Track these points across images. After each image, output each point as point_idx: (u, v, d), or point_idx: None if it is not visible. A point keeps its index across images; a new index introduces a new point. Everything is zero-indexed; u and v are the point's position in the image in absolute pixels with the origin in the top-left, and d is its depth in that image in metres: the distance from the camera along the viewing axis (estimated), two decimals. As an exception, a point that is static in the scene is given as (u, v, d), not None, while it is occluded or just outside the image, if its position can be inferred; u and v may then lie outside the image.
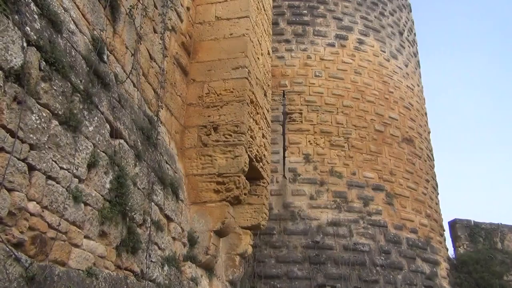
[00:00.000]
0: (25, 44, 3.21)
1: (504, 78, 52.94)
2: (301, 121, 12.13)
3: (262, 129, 7.83)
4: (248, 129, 6.86)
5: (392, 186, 12.07)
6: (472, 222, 16.70)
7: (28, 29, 3.28)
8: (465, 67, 55.43)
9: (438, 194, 14.19)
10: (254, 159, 7.13)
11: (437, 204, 13.82)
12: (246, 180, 6.70)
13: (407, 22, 15.70)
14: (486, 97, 54.00)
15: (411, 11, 16.55)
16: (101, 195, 4.09)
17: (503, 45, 53.68)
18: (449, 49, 55.47)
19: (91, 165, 3.96)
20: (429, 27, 52.32)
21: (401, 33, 15.00)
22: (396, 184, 12.20)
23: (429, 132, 14.94)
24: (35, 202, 3.23)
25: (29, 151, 3.19)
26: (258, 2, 8.32)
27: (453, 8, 55.50)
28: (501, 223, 16.98)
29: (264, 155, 7.84)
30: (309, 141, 11.94)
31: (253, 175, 7.42)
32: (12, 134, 3.02)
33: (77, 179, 3.75)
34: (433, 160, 14.64)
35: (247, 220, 7.48)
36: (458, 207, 46.32)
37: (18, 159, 3.08)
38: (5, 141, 2.95)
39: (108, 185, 4.20)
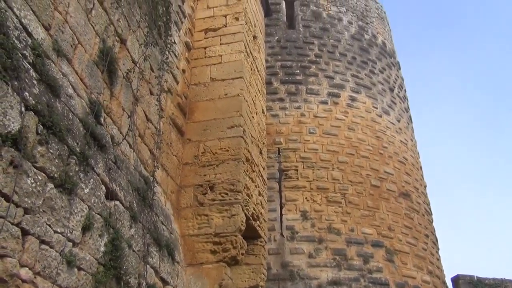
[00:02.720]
0: (23, 109, 3.26)
1: (496, 131, 53.73)
2: (297, 178, 12.12)
3: (258, 187, 7.81)
4: (244, 187, 6.84)
5: (391, 242, 11.88)
6: (475, 278, 16.31)
7: (27, 94, 3.35)
8: (457, 119, 56.38)
9: (438, 249, 13.96)
10: (251, 218, 7.05)
11: (438, 259, 13.55)
12: (243, 240, 6.59)
13: (397, 79, 16.13)
14: (480, 150, 54.50)
15: (400, 69, 17.06)
16: (95, 259, 4.00)
17: (490, 98, 54.97)
18: (439, 103, 56.67)
19: (86, 228, 3.91)
20: (419, 83, 53.73)
21: (391, 90, 15.37)
22: (396, 240, 12.01)
23: (425, 186, 14.92)
24: (27, 268, 3.15)
25: (23, 215, 3.15)
26: (252, 63, 8.57)
27: (439, 62, 57.33)
28: (504, 278, 16.58)
29: (261, 213, 7.77)
30: (306, 197, 11.87)
31: (250, 234, 7.30)
32: (7, 198, 3.00)
33: (71, 243, 3.68)
34: (431, 215, 14.53)
35: (245, 281, 7.28)
36: (460, 262, 45.41)
37: (12, 223, 3.03)
38: (-1, 205, 2.93)
39: (102, 248, 4.12)
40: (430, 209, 14.54)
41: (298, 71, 13.95)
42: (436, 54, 58.06)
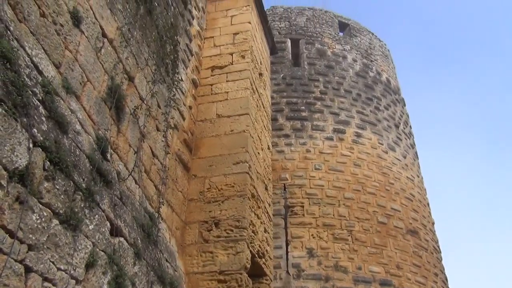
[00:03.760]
0: (31, 145, 3.29)
1: (503, 164, 53.35)
2: (303, 214, 12.01)
3: (264, 224, 7.74)
4: (249, 224, 6.78)
5: (400, 281, 11.62)
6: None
7: (35, 130, 3.39)
8: (462, 157, 56.14)
9: (448, 288, 13.63)
10: (256, 255, 6.95)
11: (448, 299, 13.21)
12: (248, 278, 6.47)
13: (402, 116, 16.21)
14: (488, 185, 53.95)
15: (405, 105, 17.17)
16: (98, 297, 3.94)
17: (495, 131, 54.88)
18: (445, 139, 56.61)
19: (89, 265, 3.86)
20: (424, 119, 53.89)
21: (397, 126, 15.42)
22: (404, 279, 11.75)
23: (433, 223, 14.72)
24: (29, 307, 3.10)
25: (27, 252, 3.12)
26: (257, 100, 8.67)
27: (444, 98, 57.63)
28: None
29: (267, 250, 7.66)
30: (312, 234, 11.72)
31: (256, 272, 7.18)
32: (12, 234, 2.98)
33: (74, 281, 3.63)
34: (440, 252, 14.27)
35: (250, 321, 7.10)
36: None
37: (16, 260, 3.01)
38: (3, 242, 2.91)
39: (105, 286, 4.06)
40: (438, 246, 14.30)
41: (304, 107, 14.08)
42: (441, 90, 58.49)
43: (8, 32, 3.42)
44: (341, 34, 17.03)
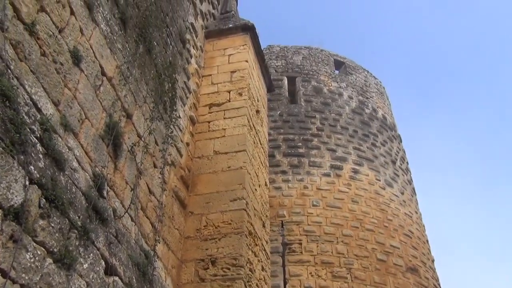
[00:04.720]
0: (27, 183, 3.28)
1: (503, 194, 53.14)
2: (301, 252, 11.85)
3: (262, 262, 7.62)
4: (247, 262, 6.68)
5: (401, 321, 11.36)
6: None
7: (32, 168, 3.38)
8: (459, 192, 56.01)
9: (450, 328, 13.31)
10: (253, 294, 6.81)
11: None
12: (246, 318, 6.32)
13: (398, 152, 16.28)
14: (488, 218, 53.58)
15: (401, 142, 17.27)
16: None
17: (491, 167, 54.97)
18: (443, 174, 56.63)
19: (83, 306, 3.77)
20: (421, 155, 54.06)
21: (394, 162, 15.46)
22: (405, 318, 11.49)
23: (433, 260, 14.53)
24: None
25: (19, 292, 3.06)
26: (255, 137, 8.71)
27: (439, 133, 58.03)
28: None
29: (264, 289, 7.51)
30: (310, 272, 11.53)
31: (253, 312, 7.02)
32: (4, 274, 2.93)
33: (67, 322, 3.54)
34: (441, 291, 14.01)
35: None
36: None
37: (7, 301, 2.94)
38: (-5, 282, 2.86)
39: (99, 328, 3.95)
40: (439, 284, 14.05)
41: (301, 144, 14.14)
42: (437, 127, 58.98)
43: (9, 70, 3.46)
44: (336, 72, 17.31)
